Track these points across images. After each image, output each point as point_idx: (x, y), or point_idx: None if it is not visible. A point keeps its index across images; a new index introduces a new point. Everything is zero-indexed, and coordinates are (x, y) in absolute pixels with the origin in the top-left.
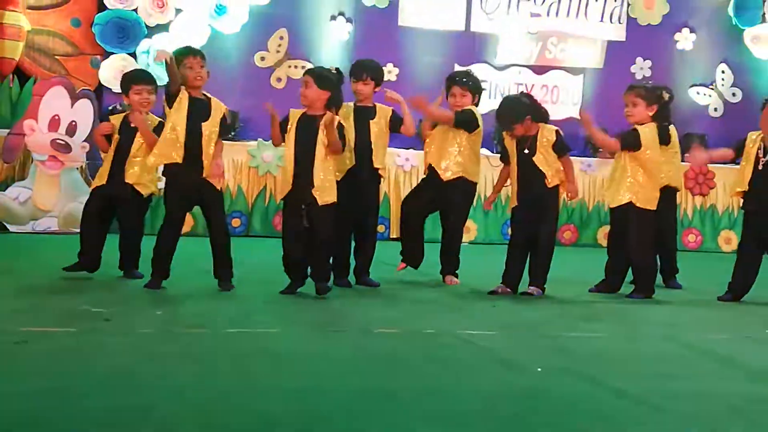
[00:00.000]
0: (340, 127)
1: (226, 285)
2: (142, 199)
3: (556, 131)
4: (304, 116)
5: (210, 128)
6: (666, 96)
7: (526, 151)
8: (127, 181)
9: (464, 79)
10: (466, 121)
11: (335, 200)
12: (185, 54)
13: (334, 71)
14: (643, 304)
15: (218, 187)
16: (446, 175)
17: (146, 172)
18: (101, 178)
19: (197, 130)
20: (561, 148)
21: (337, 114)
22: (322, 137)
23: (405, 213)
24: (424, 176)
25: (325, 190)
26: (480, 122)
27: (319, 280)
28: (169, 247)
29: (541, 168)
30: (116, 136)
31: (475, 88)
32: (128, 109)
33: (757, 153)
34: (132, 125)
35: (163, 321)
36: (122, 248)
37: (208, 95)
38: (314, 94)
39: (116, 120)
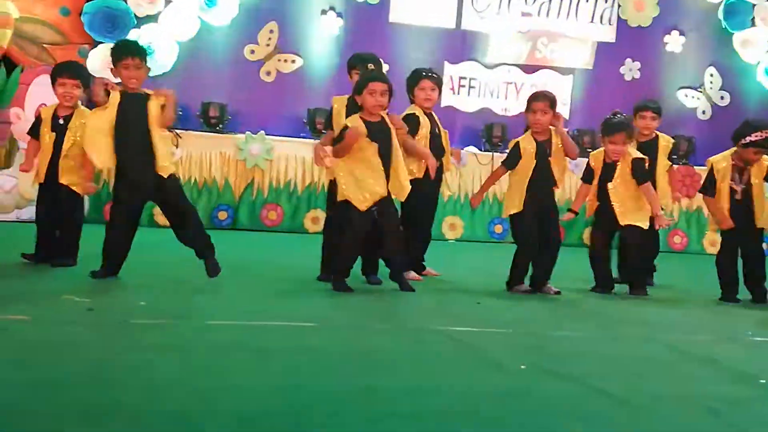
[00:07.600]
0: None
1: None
2: (78, 196)
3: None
4: (369, 124)
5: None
6: None
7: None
8: (61, 182)
9: (433, 75)
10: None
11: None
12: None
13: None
14: (626, 303)
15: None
16: None
17: (78, 172)
18: (39, 177)
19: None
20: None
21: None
22: (396, 141)
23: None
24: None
25: (404, 189)
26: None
27: (401, 272)
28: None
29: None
30: (51, 133)
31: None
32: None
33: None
34: (61, 122)
35: (145, 312)
36: (60, 240)
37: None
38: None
39: (46, 114)
